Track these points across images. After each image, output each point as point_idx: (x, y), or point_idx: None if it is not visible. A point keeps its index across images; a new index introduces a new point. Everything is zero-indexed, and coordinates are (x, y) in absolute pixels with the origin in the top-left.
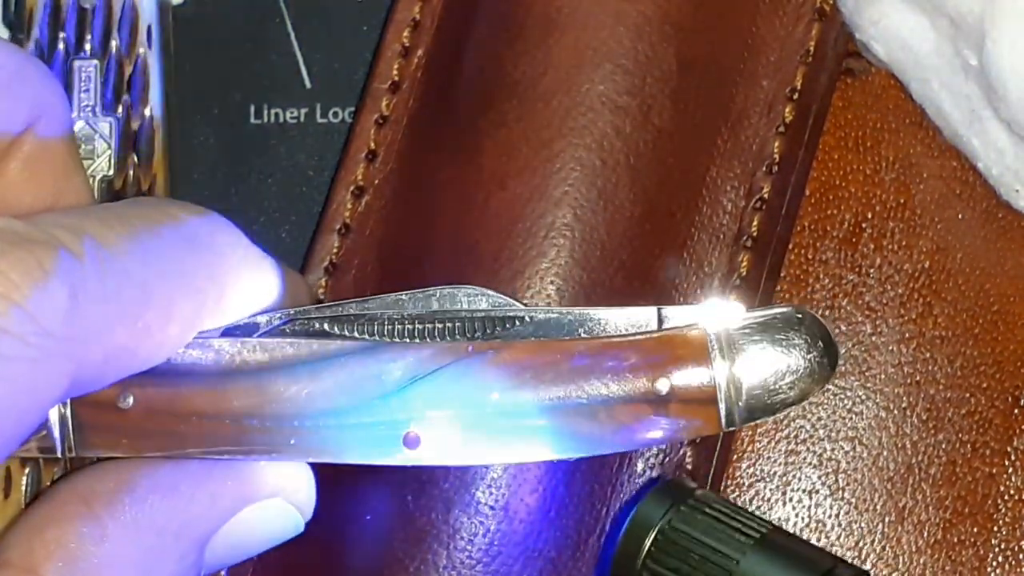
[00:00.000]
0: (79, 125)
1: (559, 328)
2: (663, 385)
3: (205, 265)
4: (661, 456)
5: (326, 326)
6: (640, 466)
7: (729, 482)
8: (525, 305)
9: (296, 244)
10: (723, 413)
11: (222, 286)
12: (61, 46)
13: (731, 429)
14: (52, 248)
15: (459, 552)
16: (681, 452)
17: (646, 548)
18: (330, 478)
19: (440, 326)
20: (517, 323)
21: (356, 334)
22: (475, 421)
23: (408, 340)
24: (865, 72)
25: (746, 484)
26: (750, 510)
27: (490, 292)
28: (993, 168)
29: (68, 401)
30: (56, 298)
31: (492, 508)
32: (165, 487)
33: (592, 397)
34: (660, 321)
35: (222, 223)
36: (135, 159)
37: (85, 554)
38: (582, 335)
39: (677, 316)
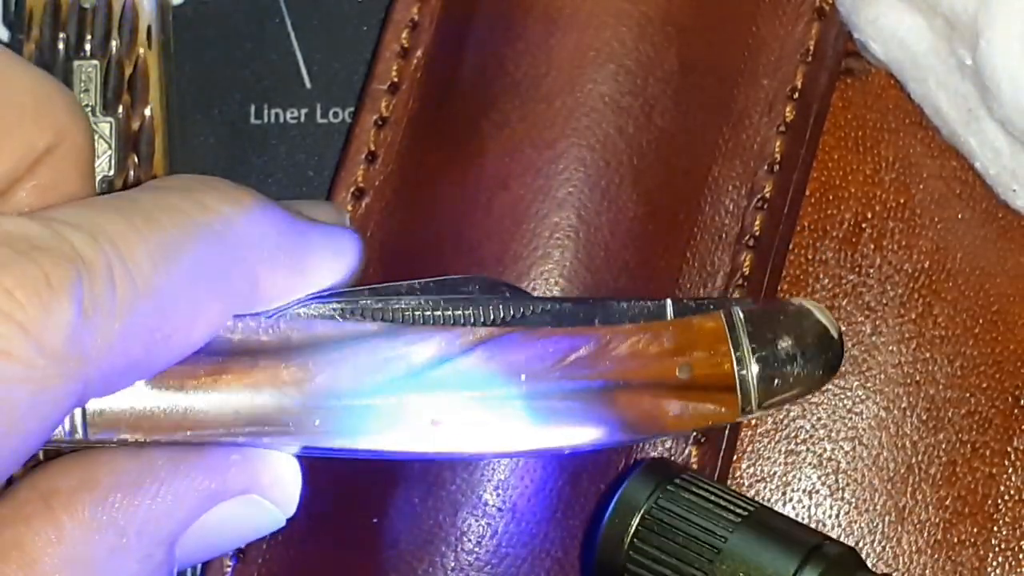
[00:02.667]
0: None
1: (574, 316)
2: (683, 371)
3: (239, 261)
4: (666, 456)
5: (344, 304)
6: None
7: (730, 482)
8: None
9: None
10: (740, 399)
11: (255, 280)
12: (61, 46)
13: (747, 416)
14: (63, 259)
15: (467, 554)
16: (687, 451)
17: (632, 529)
18: (337, 482)
19: (458, 313)
20: (533, 311)
21: (377, 316)
22: (500, 404)
23: (427, 321)
24: (865, 72)
25: (746, 484)
26: (735, 490)
27: (503, 282)
28: (990, 168)
29: None
30: (63, 317)
31: (500, 510)
32: (128, 484)
33: (614, 382)
34: (674, 311)
35: (259, 208)
36: (135, 159)
37: (41, 555)
38: (597, 323)
39: (690, 307)
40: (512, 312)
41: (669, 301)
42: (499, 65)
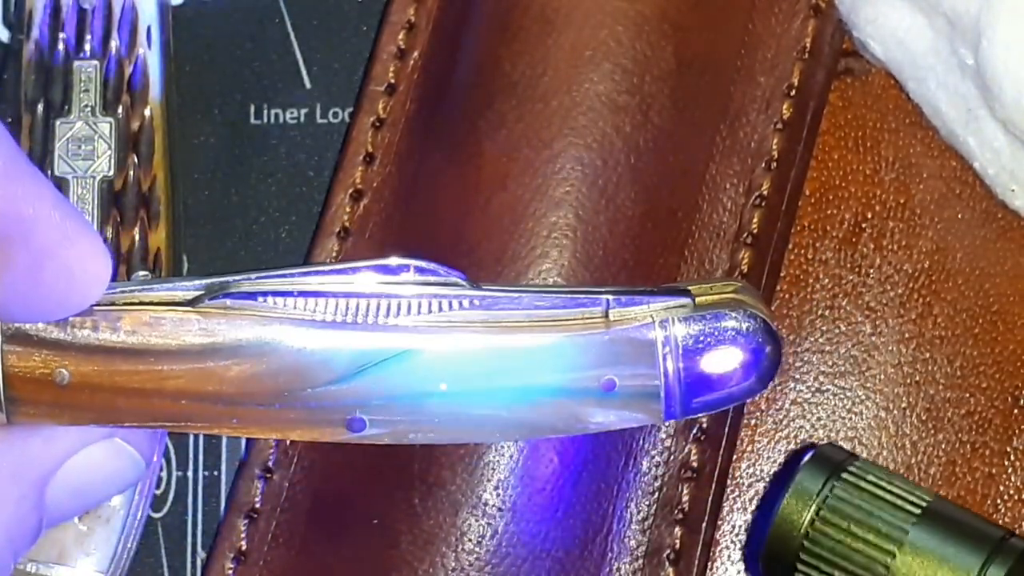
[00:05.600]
0: (79, 125)
1: (507, 307)
2: (608, 382)
3: None
4: (666, 455)
5: (270, 299)
6: (645, 464)
7: (729, 482)
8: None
9: (296, 244)
10: (664, 408)
11: None
12: (61, 47)
13: (671, 420)
14: None
15: (467, 554)
16: (686, 449)
17: (807, 519)
18: (337, 483)
19: (386, 303)
20: (464, 303)
21: (302, 309)
22: (421, 409)
23: (353, 319)
24: (865, 72)
25: (746, 484)
26: (906, 479)
27: (438, 266)
28: (989, 168)
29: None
30: None
31: (500, 509)
32: None
33: (538, 388)
34: (608, 307)
35: None
36: (135, 159)
37: None
38: (530, 317)
39: (626, 302)
40: (439, 306)
41: (606, 300)
42: (496, 65)
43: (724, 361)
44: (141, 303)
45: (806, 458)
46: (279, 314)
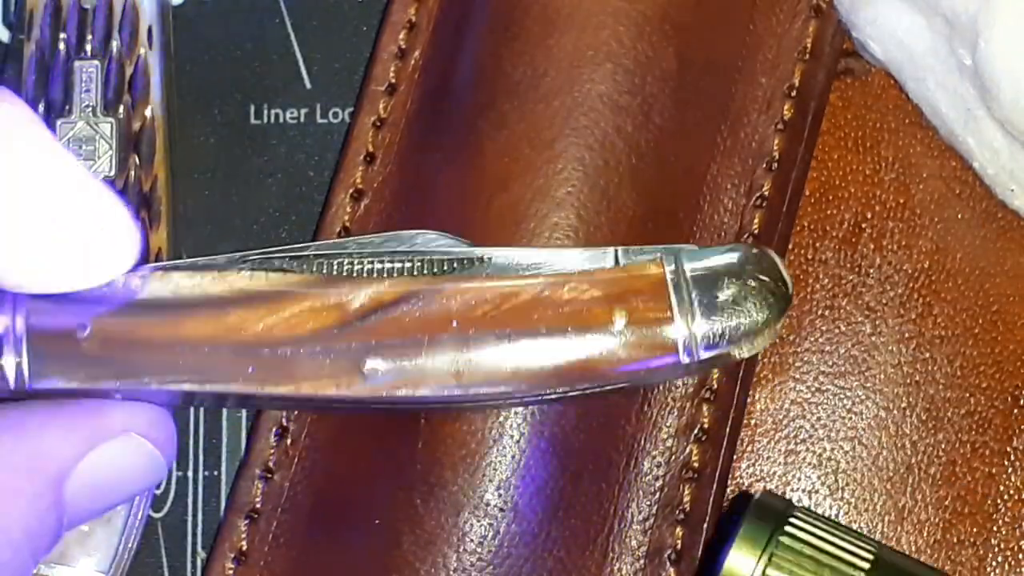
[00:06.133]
0: (80, 125)
1: (519, 267)
2: (620, 318)
3: None
4: (668, 455)
5: (284, 264)
6: (646, 464)
7: (730, 482)
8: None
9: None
10: (681, 344)
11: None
12: (62, 47)
13: (690, 364)
14: None
15: (469, 555)
16: (687, 450)
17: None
18: (338, 483)
19: (399, 264)
20: (476, 263)
21: (314, 271)
22: (434, 354)
23: (368, 274)
24: (865, 72)
25: (746, 484)
26: (850, 528)
27: (448, 236)
28: (988, 168)
29: (23, 334)
30: None
31: (501, 510)
32: (13, 425)
33: (550, 330)
34: (617, 253)
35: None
36: (136, 159)
37: None
38: (540, 266)
39: (634, 250)
40: (453, 263)
41: (613, 249)
42: (497, 65)
43: (733, 292)
44: (164, 270)
45: (748, 509)
46: (295, 269)
